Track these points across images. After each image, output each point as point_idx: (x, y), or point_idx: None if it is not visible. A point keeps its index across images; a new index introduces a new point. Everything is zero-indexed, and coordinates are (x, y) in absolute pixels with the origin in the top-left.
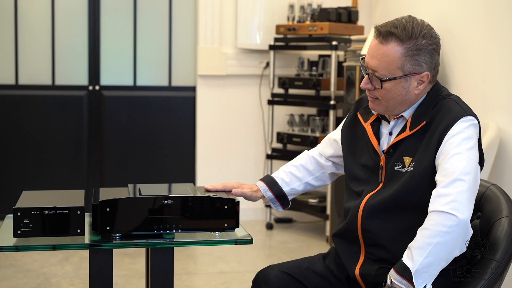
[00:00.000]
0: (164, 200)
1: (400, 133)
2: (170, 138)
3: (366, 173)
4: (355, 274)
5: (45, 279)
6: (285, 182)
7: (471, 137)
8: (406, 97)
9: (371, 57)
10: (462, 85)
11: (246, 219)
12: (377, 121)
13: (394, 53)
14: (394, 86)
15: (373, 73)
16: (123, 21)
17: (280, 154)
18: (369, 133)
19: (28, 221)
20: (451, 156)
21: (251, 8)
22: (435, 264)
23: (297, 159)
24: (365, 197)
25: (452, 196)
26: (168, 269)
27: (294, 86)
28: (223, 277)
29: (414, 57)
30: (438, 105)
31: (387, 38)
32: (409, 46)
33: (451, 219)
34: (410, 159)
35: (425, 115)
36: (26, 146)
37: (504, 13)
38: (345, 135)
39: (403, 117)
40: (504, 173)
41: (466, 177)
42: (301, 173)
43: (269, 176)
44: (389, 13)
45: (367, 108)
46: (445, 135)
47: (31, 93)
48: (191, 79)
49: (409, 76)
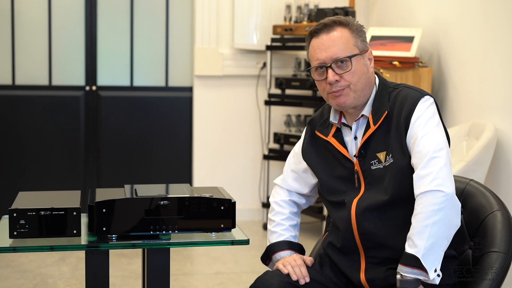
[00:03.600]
0: (160, 201)
1: (365, 132)
2: (166, 138)
3: (343, 183)
4: (361, 281)
5: (41, 280)
6: (295, 236)
7: (434, 114)
8: (368, 75)
9: (326, 49)
10: (459, 86)
11: (242, 220)
12: (338, 132)
13: (345, 33)
14: (357, 64)
15: (335, 60)
16: (120, 21)
17: (277, 155)
18: (335, 144)
19: (24, 222)
20: (421, 137)
21: (247, 9)
22: (438, 244)
23: (282, 208)
24: (353, 204)
25: (433, 174)
26: (165, 269)
27: (291, 86)
28: (220, 277)
29: (358, 34)
30: (392, 95)
31: (331, 26)
32: (352, 27)
33: (439, 195)
34: (385, 153)
35: (384, 107)
36: (23, 146)
37: (501, 14)
38: (309, 156)
39: (364, 116)
40: (501, 174)
41: (440, 154)
42: (295, 220)
43: (287, 242)
44: (386, 13)
45: (323, 124)
46: (410, 119)
47: (28, 94)
48: (188, 79)
49: (363, 53)
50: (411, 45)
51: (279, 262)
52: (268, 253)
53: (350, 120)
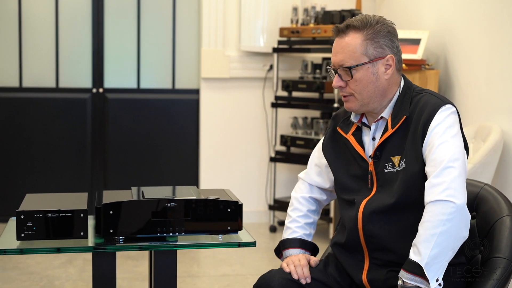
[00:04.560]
0: (167, 203)
1: (383, 135)
2: (173, 140)
3: (356, 182)
4: (362, 281)
5: (48, 282)
6: (309, 234)
7: (453, 124)
8: (377, 83)
9: (335, 54)
10: (465, 88)
11: (249, 222)
12: (358, 130)
13: (355, 40)
14: (363, 74)
15: (341, 67)
16: (127, 23)
17: (284, 157)
18: (353, 142)
19: (31, 224)
20: (437, 146)
21: (254, 11)
22: (443, 254)
23: (301, 205)
24: (361, 204)
25: (445, 183)
26: (171, 272)
27: (298, 89)
28: (226, 279)
29: (374, 40)
30: (414, 100)
31: (345, 31)
32: (367, 32)
33: (449, 206)
34: (399, 157)
35: (403, 111)
36: (30, 148)
37: (507, 16)
38: (328, 151)
39: (383, 118)
40: (508, 176)
41: (455, 164)
42: (312, 218)
43: (298, 239)
44: (393, 16)
45: (345, 121)
46: (428, 126)
47: (35, 96)
48: (194, 81)
49: (374, 61)
50: (418, 48)
51: (284, 261)
52: (280, 248)
53: (371, 120)
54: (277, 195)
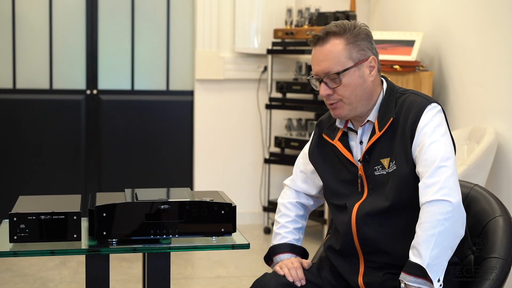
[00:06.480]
0: (161, 205)
1: (371, 138)
2: (167, 142)
3: (346, 187)
4: (358, 285)
5: (42, 284)
6: (299, 239)
7: (441, 123)
8: (364, 86)
9: (318, 63)
10: (460, 89)
11: (243, 224)
12: (344, 135)
13: (337, 46)
14: (350, 78)
15: (327, 75)
16: (121, 25)
17: (278, 159)
18: (340, 148)
19: (24, 227)
20: (428, 146)
21: (249, 12)
22: (443, 254)
23: (288, 210)
24: (354, 208)
25: (440, 183)
26: (165, 274)
27: (292, 90)
28: (221, 281)
29: (355, 43)
30: (399, 101)
31: (325, 38)
32: (347, 36)
33: (446, 205)
34: (388, 160)
35: (390, 113)
36: (23, 150)
37: (502, 18)
38: (316, 157)
39: (369, 121)
40: (502, 178)
41: (447, 163)
42: (300, 223)
43: (289, 244)
44: (387, 17)
45: (330, 127)
46: (416, 127)
47: (28, 97)
48: (189, 83)
49: (359, 63)
50: (412, 49)
51: (277, 264)
52: (270, 254)
53: (357, 124)
54: (271, 197)
